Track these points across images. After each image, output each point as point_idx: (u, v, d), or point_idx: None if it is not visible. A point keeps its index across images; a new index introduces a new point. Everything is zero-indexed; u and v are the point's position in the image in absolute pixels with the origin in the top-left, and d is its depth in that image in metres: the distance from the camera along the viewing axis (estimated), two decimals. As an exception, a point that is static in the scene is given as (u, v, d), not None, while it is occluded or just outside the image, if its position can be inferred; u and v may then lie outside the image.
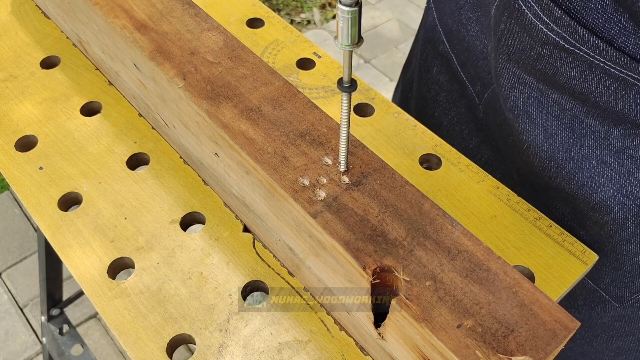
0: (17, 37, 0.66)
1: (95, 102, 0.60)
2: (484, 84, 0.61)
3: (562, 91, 0.48)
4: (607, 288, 0.55)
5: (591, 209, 0.51)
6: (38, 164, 0.55)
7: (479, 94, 0.62)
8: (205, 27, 0.50)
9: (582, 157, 0.49)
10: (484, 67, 0.60)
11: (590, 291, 0.56)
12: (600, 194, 0.49)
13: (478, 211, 0.53)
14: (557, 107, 0.50)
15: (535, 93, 0.50)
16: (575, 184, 0.51)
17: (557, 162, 0.51)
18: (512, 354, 0.32)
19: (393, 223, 0.38)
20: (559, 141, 0.50)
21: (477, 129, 0.63)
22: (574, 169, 0.50)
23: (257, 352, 0.44)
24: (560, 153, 0.51)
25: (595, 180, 0.49)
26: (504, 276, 0.35)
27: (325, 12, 2.35)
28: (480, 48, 0.59)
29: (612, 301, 0.56)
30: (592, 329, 0.60)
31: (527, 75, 0.50)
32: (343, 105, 0.37)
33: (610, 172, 0.48)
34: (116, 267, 0.49)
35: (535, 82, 0.50)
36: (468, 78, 0.63)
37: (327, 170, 0.40)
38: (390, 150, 0.57)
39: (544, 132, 0.51)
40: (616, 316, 0.57)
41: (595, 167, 0.49)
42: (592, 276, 0.55)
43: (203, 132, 0.46)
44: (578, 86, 0.46)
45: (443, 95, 0.68)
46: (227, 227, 0.51)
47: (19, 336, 1.47)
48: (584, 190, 0.50)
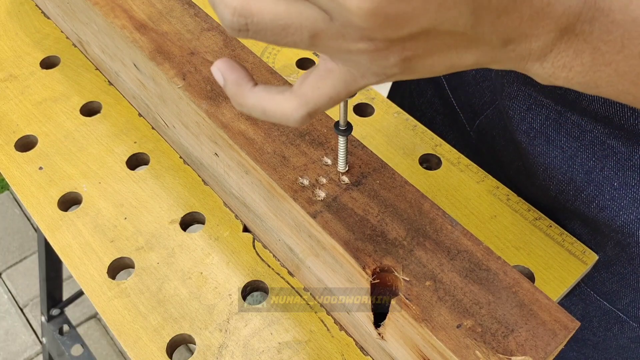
0: (17, 37, 0.66)
1: (95, 102, 0.60)
2: (474, 111, 0.60)
3: (583, 114, 0.47)
4: (625, 309, 0.54)
5: (612, 231, 0.49)
6: (38, 164, 0.55)
7: (469, 120, 0.62)
8: (205, 27, 0.50)
9: (603, 179, 0.48)
10: (475, 93, 0.59)
11: (605, 312, 0.55)
12: (622, 217, 0.48)
13: (478, 211, 0.53)
14: (577, 129, 0.48)
15: (554, 115, 0.49)
16: (596, 207, 0.49)
17: (577, 185, 0.49)
18: (512, 354, 0.32)
19: (393, 223, 0.38)
20: (578, 163, 0.49)
21: (472, 153, 0.62)
22: (594, 192, 0.48)
23: (257, 352, 0.44)
24: (579, 175, 0.49)
25: (617, 202, 0.47)
26: (503, 276, 0.35)
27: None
28: (473, 74, 0.58)
29: (631, 322, 0.54)
30: (607, 351, 0.58)
31: (545, 98, 0.49)
32: (340, 145, 0.39)
33: (634, 194, 0.46)
34: (116, 267, 0.49)
35: (553, 104, 0.49)
36: (459, 104, 0.62)
37: (326, 170, 0.40)
38: (390, 150, 0.57)
39: (563, 154, 0.49)
40: (633, 337, 0.55)
41: (617, 190, 0.47)
42: (608, 297, 0.54)
43: (203, 132, 0.46)
44: (601, 110, 0.44)
45: (439, 119, 0.67)
46: (227, 227, 0.51)
47: (19, 336, 1.47)
48: (605, 214, 0.48)
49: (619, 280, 0.51)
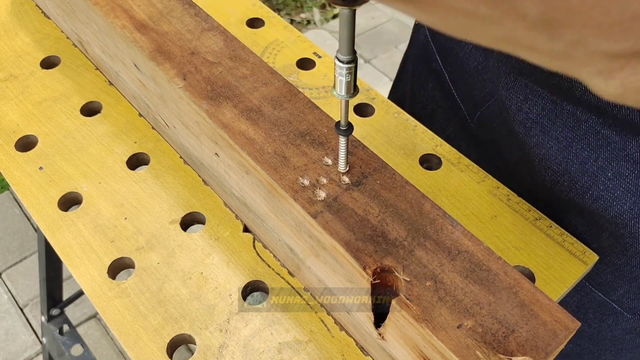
0: (17, 37, 0.66)
1: (95, 102, 0.60)
2: (475, 102, 0.60)
3: (578, 103, 0.47)
4: (619, 300, 0.54)
5: (607, 222, 0.49)
6: (38, 164, 0.55)
7: (470, 112, 0.62)
8: (205, 27, 0.50)
9: (597, 169, 0.48)
10: (476, 84, 0.59)
11: (600, 304, 0.55)
12: (616, 208, 0.48)
13: (478, 211, 0.53)
14: (572, 119, 0.48)
15: (550, 105, 0.49)
16: (590, 197, 0.49)
17: (571, 175, 0.50)
18: (513, 354, 0.32)
19: (393, 223, 0.38)
20: (573, 153, 0.49)
21: (473, 144, 0.62)
22: (588, 182, 0.49)
23: (257, 352, 0.44)
24: (574, 166, 0.49)
25: (611, 193, 0.48)
26: (504, 276, 0.35)
27: (325, 12, 2.35)
28: (474, 65, 0.58)
29: (625, 313, 0.54)
30: (602, 342, 0.59)
31: (541, 87, 0.49)
32: (340, 146, 0.39)
33: (627, 184, 0.47)
34: (116, 267, 0.49)
35: (549, 94, 0.49)
36: (459, 95, 0.62)
37: (327, 170, 0.40)
38: (391, 150, 0.57)
39: (558, 145, 0.50)
40: (628, 328, 0.56)
41: (611, 180, 0.47)
42: (603, 288, 0.54)
43: (203, 132, 0.46)
44: (594, 100, 0.45)
45: (440, 112, 0.67)
46: (227, 227, 0.51)
47: (19, 336, 1.47)
48: (599, 204, 0.49)
49: (613, 271, 0.51)
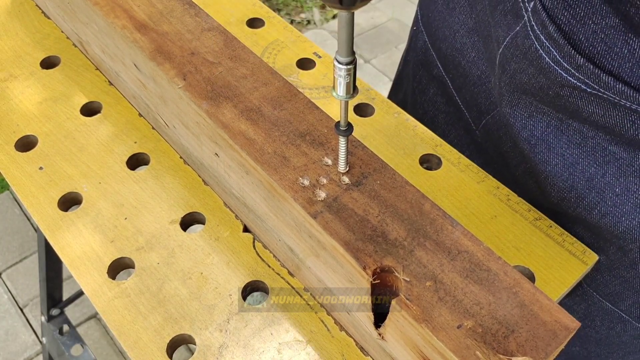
0: (17, 37, 0.66)
1: (95, 102, 0.60)
2: (480, 110, 0.60)
3: (584, 122, 0.47)
4: (628, 310, 0.54)
5: (615, 237, 0.49)
6: (38, 164, 0.55)
7: (474, 119, 0.61)
8: (205, 27, 0.50)
9: (605, 185, 0.47)
10: (481, 93, 0.58)
11: (608, 312, 0.55)
12: (624, 223, 0.47)
13: (478, 211, 0.53)
14: (578, 135, 0.48)
15: (555, 122, 0.49)
16: (598, 213, 0.49)
17: (578, 192, 0.49)
18: (513, 354, 0.32)
19: (393, 223, 0.38)
20: (579, 170, 0.49)
21: (477, 151, 0.62)
22: (595, 199, 0.48)
23: (257, 352, 0.44)
24: (581, 182, 0.49)
25: (619, 208, 0.47)
26: (504, 276, 0.35)
27: (325, 12, 2.35)
28: (478, 74, 0.58)
29: (634, 322, 0.54)
30: (610, 346, 0.59)
31: (546, 106, 0.49)
32: (340, 146, 0.39)
33: (636, 199, 0.46)
34: (116, 267, 0.49)
35: (554, 112, 0.48)
36: (464, 103, 0.62)
37: (327, 170, 0.40)
38: (390, 150, 0.57)
39: (564, 162, 0.49)
40: (636, 335, 0.56)
41: (619, 196, 0.47)
42: (611, 299, 0.54)
43: (203, 132, 0.46)
44: (602, 121, 0.44)
45: (441, 117, 0.67)
46: (227, 227, 0.51)
47: (19, 336, 1.47)
48: (607, 220, 0.48)
49: (622, 283, 0.51)
